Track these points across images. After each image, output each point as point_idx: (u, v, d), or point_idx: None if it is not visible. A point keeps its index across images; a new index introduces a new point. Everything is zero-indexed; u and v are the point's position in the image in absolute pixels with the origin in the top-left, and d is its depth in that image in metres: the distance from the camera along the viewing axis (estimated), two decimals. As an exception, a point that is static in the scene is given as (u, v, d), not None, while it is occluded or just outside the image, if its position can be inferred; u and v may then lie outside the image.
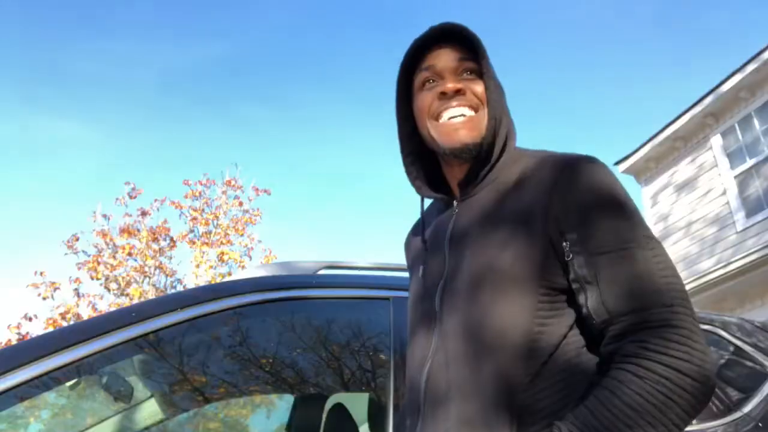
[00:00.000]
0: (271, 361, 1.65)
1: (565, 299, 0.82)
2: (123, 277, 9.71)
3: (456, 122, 0.92)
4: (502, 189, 0.91)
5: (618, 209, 0.81)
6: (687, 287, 7.45)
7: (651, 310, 0.74)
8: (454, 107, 0.92)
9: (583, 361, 0.80)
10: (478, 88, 0.93)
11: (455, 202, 0.99)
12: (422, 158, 1.04)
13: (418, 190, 1.04)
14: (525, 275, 0.82)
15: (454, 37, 0.95)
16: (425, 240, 1.04)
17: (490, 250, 0.86)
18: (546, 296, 0.81)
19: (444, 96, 0.93)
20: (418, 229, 1.10)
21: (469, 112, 0.93)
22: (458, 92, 0.92)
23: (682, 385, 0.70)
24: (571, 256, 0.80)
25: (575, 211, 0.81)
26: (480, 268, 0.86)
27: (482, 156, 0.93)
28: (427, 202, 1.09)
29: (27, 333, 9.07)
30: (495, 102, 0.92)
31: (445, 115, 0.93)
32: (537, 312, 0.80)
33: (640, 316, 0.74)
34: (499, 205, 0.89)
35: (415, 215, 1.14)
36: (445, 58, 0.95)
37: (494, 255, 0.85)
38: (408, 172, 1.04)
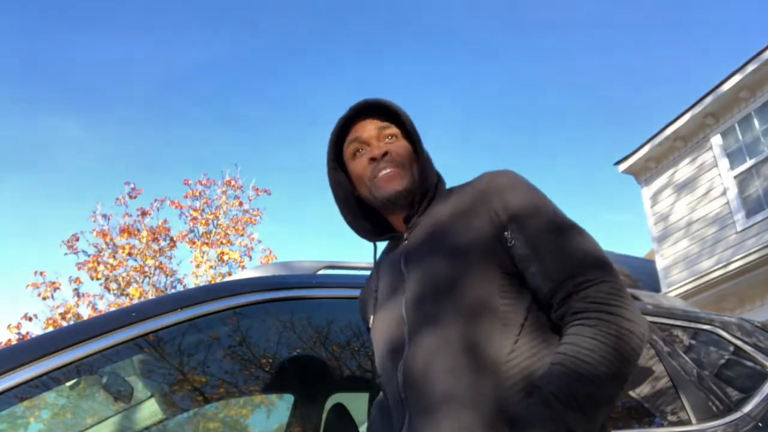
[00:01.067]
0: (271, 361, 1.65)
1: (518, 282, 0.96)
2: (123, 277, 9.71)
3: (388, 176, 1.07)
4: (443, 211, 1.06)
5: (541, 201, 0.99)
6: (687, 287, 7.46)
7: (588, 271, 0.89)
8: (384, 168, 1.08)
9: (550, 342, 0.92)
10: (401, 149, 1.10)
11: (405, 234, 1.12)
12: (363, 213, 1.19)
13: (368, 239, 1.19)
14: (478, 266, 0.95)
15: (375, 110, 1.11)
16: (378, 278, 1.17)
17: (445, 251, 0.99)
18: (504, 279, 0.95)
19: (374, 160, 1.08)
20: (370, 279, 1.24)
21: (397, 169, 1.08)
22: (384, 155, 1.08)
23: (627, 327, 0.84)
24: (513, 242, 0.95)
25: (509, 205, 0.97)
26: (435, 272, 0.99)
27: (417, 198, 1.09)
28: (380, 248, 1.22)
29: (27, 333, 9.06)
30: (420, 154, 1.10)
31: (379, 175, 1.08)
32: (500, 292, 0.94)
33: (581, 278, 0.88)
34: (443, 221, 1.04)
35: None
36: (368, 128, 1.10)
37: (445, 257, 0.98)
38: (354, 229, 1.19)
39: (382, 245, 1.23)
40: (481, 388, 0.87)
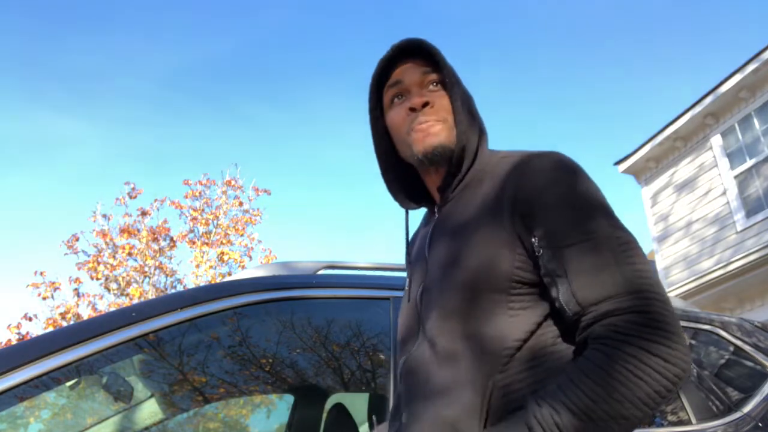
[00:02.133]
0: (271, 361, 1.65)
1: (536, 292, 0.85)
2: (123, 277, 9.71)
3: (427, 129, 0.96)
4: (475, 191, 0.95)
5: (581, 201, 0.83)
6: (687, 287, 7.45)
7: (619, 298, 0.75)
8: (424, 119, 0.97)
9: (558, 349, 0.83)
10: (444, 99, 0.98)
11: (436, 209, 1.03)
12: (403, 174, 1.09)
13: (402, 204, 1.09)
14: (494, 269, 0.84)
15: (417, 51, 1.00)
16: (409, 253, 1.11)
17: (460, 250, 0.90)
18: (516, 290, 0.84)
19: (413, 111, 0.98)
20: (409, 242, 1.15)
21: (438, 122, 0.97)
22: (425, 105, 0.97)
23: (651, 365, 0.71)
24: (540, 251, 0.82)
25: (539, 206, 0.83)
26: (451, 268, 0.90)
27: (455, 160, 0.97)
28: (412, 214, 1.13)
29: (27, 333, 9.06)
30: (460, 110, 0.97)
31: (418, 127, 0.97)
32: (509, 303, 0.83)
33: (609, 305, 0.76)
34: (472, 207, 0.93)
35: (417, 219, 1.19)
36: (410, 73, 1.00)
37: (464, 254, 0.89)
38: (390, 188, 1.09)
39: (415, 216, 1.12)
40: (475, 387, 0.81)
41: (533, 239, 0.83)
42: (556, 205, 0.82)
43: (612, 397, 0.70)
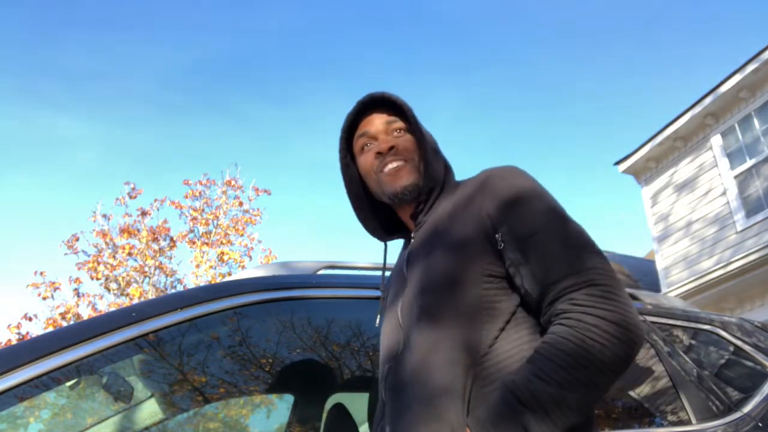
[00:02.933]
0: (271, 361, 1.65)
1: (507, 285, 0.94)
2: (123, 277, 9.71)
3: (394, 171, 1.08)
4: (445, 209, 1.06)
5: (534, 199, 0.94)
6: (687, 287, 7.46)
7: (576, 275, 0.85)
8: (390, 162, 1.08)
9: (535, 334, 0.91)
10: (408, 142, 1.10)
11: (412, 234, 1.13)
12: (377, 210, 1.20)
13: (380, 239, 1.20)
14: (467, 267, 0.94)
15: (381, 103, 1.12)
16: (383, 287, 1.21)
17: (435, 259, 0.99)
18: (488, 284, 0.93)
19: (380, 155, 1.09)
20: (386, 282, 1.25)
21: (403, 163, 1.08)
22: (391, 149, 1.08)
23: (609, 331, 0.79)
24: (502, 244, 0.93)
25: (500, 207, 0.95)
26: (428, 276, 0.99)
27: (424, 192, 1.09)
28: (392, 246, 1.23)
29: (27, 333, 9.06)
30: (425, 149, 1.08)
31: (385, 169, 1.08)
32: (483, 298, 0.92)
33: (568, 281, 0.85)
34: (444, 220, 1.03)
35: None
36: (375, 123, 1.11)
37: (439, 262, 0.98)
38: (365, 226, 1.20)
39: (393, 245, 1.24)
40: (458, 385, 0.86)
41: (497, 235, 0.93)
42: (514, 205, 0.94)
43: (579, 363, 0.78)
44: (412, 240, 1.11)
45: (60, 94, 16.94)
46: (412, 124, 1.10)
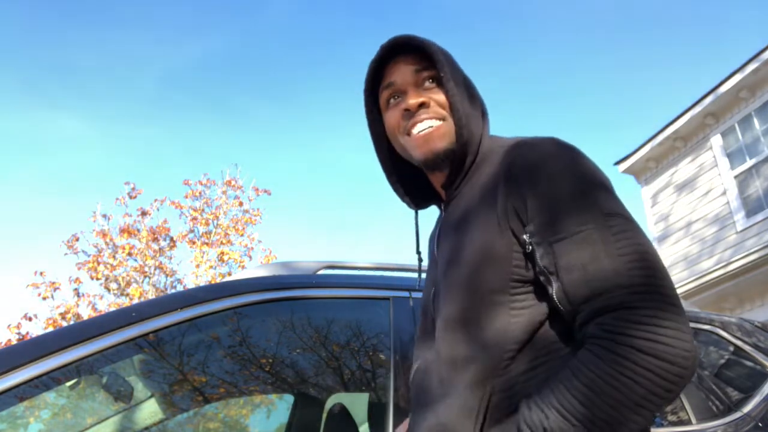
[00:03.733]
0: (271, 361, 1.65)
1: (536, 290, 0.81)
2: (123, 277, 9.71)
3: (425, 134, 0.93)
4: (475, 185, 0.91)
5: (574, 188, 0.77)
6: (687, 287, 7.45)
7: (609, 294, 0.70)
8: (421, 121, 0.93)
9: (559, 348, 0.79)
10: (441, 96, 0.94)
11: (443, 207, 1.01)
12: (407, 174, 1.06)
13: (409, 205, 1.06)
14: (493, 269, 0.81)
15: (408, 48, 0.96)
16: (419, 252, 1.09)
17: (460, 250, 0.87)
18: (516, 289, 0.80)
19: (408, 112, 0.94)
20: (428, 240, 1.13)
21: (436, 123, 0.93)
22: (421, 105, 0.93)
23: (644, 365, 0.66)
24: (531, 247, 0.78)
25: (530, 198, 0.79)
26: (453, 269, 0.88)
27: (457, 159, 0.93)
28: (423, 213, 1.10)
29: (27, 333, 9.06)
30: (458, 106, 0.92)
31: (414, 130, 0.94)
32: (510, 303, 0.80)
33: (600, 302, 0.71)
34: (472, 203, 0.90)
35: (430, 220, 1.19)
36: (402, 73, 0.95)
37: (464, 255, 0.86)
38: (396, 190, 1.06)
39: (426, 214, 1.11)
40: (473, 402, 0.79)
41: (525, 236, 0.79)
42: (546, 195, 0.78)
43: (603, 400, 0.66)
44: (443, 215, 0.99)
45: (60, 92, 16.96)
46: (444, 74, 0.92)
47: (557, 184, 0.78)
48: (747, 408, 1.68)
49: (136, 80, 17.30)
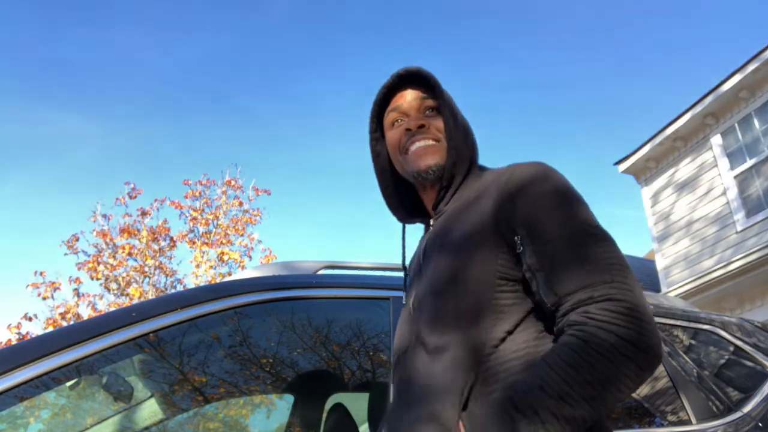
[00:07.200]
0: (271, 361, 1.65)
1: (521, 289, 0.91)
2: (123, 277, 9.72)
3: (420, 150, 1.06)
4: (465, 200, 1.03)
5: (559, 203, 0.90)
6: (687, 287, 7.46)
7: (594, 287, 0.81)
8: (419, 140, 1.06)
9: (541, 343, 0.88)
10: (439, 123, 1.08)
11: (431, 221, 1.11)
12: (401, 190, 1.18)
13: (399, 219, 1.19)
14: (481, 268, 0.91)
15: (416, 79, 1.10)
16: (404, 266, 1.20)
17: (450, 256, 0.96)
18: (502, 287, 0.90)
19: (409, 132, 1.07)
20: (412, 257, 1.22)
21: (431, 142, 1.06)
22: (421, 127, 1.06)
23: (623, 352, 0.75)
24: (521, 248, 0.89)
25: (521, 208, 0.91)
26: (442, 273, 0.96)
27: (447, 177, 1.06)
28: (410, 229, 1.22)
29: (27, 333, 9.07)
30: (453, 129, 1.06)
31: (412, 147, 1.07)
32: (494, 301, 0.89)
33: (584, 293, 0.81)
34: (461, 214, 1.01)
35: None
36: (408, 99, 1.10)
37: (454, 259, 0.95)
38: (388, 204, 1.19)
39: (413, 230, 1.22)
40: (456, 384, 0.85)
41: (516, 237, 0.90)
42: (536, 207, 0.90)
43: (586, 380, 0.74)
44: (431, 230, 1.09)
45: (60, 91, 16.95)
46: (444, 104, 1.07)
47: (545, 197, 0.91)
48: (747, 408, 1.68)
49: (136, 80, 17.31)
